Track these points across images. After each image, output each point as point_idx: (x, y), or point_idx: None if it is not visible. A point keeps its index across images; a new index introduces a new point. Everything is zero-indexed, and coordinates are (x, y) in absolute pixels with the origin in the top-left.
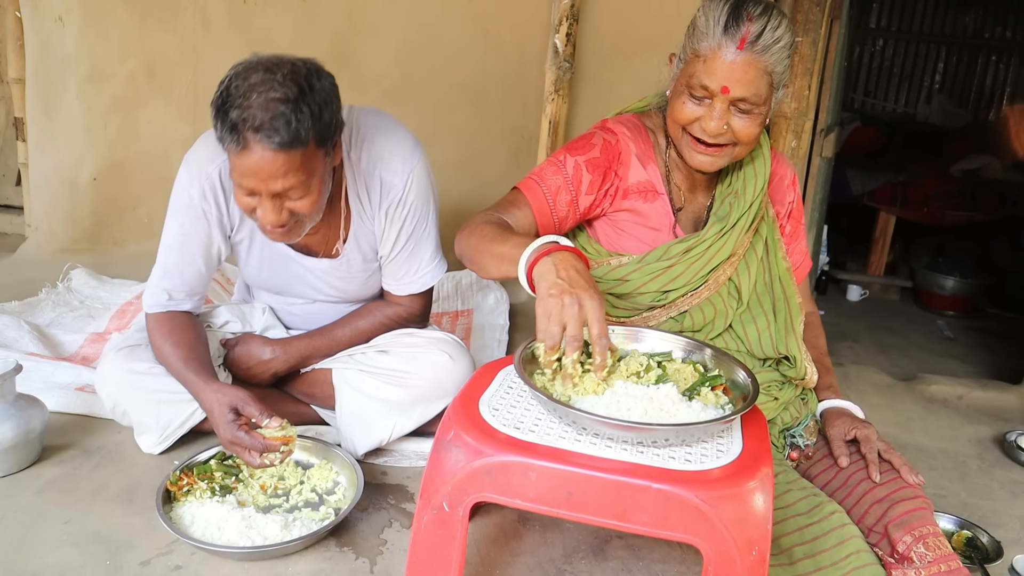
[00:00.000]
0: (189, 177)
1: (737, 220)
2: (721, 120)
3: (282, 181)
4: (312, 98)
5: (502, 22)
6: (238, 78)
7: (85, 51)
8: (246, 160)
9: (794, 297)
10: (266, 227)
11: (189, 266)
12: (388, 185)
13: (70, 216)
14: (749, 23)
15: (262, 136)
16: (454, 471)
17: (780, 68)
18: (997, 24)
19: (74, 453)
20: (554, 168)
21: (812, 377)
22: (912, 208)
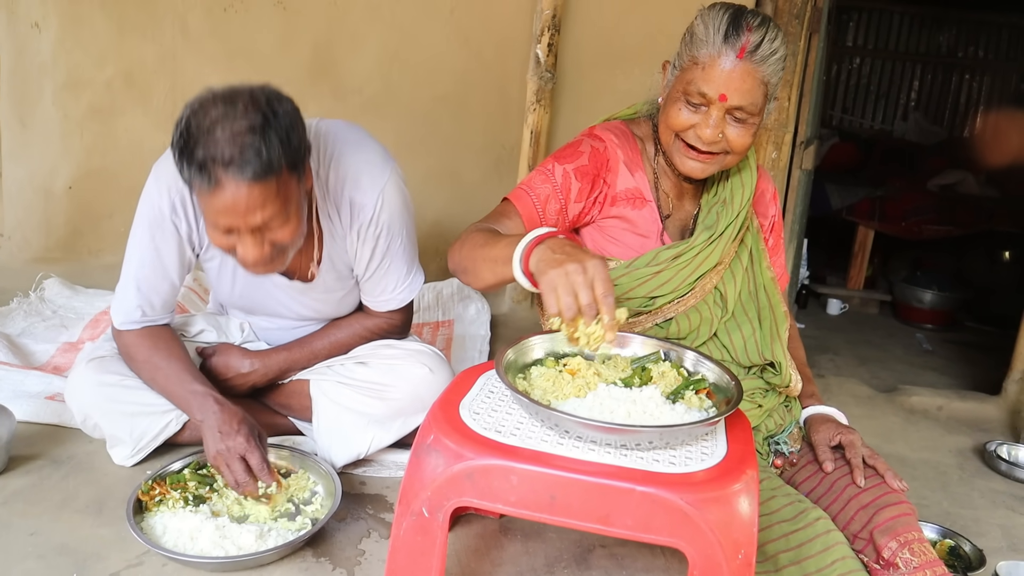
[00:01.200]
0: (159, 189)
1: (725, 228)
2: (717, 128)
3: (260, 213)
4: (278, 124)
5: (484, 32)
6: (196, 115)
7: (62, 58)
8: (220, 198)
9: (779, 305)
10: (247, 263)
11: (163, 281)
12: (358, 206)
13: (44, 225)
14: (749, 33)
15: (233, 170)
16: (434, 475)
17: (775, 79)
18: (970, 43)
19: (42, 463)
20: (543, 177)
21: (796, 385)
22: (890, 222)
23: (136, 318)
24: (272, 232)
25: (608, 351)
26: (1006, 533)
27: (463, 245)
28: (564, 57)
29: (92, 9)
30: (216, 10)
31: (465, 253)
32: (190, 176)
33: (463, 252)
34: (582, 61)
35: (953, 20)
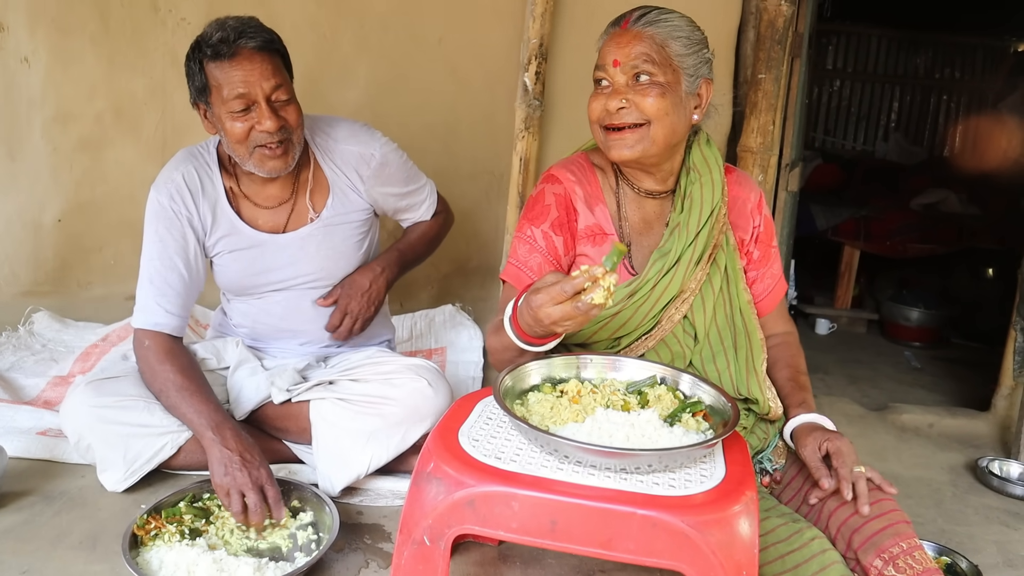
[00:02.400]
0: (156, 190)
1: (680, 255)
2: (619, 93)
3: (272, 80)
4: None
5: (471, 62)
6: (204, 30)
7: (51, 92)
8: (237, 68)
9: (755, 332)
10: (266, 144)
11: (171, 270)
12: (366, 155)
13: (33, 258)
14: (635, 11)
15: (245, 39)
16: (435, 503)
17: (677, 46)
18: (946, 65)
19: (34, 499)
20: (527, 246)
21: (776, 411)
22: (875, 242)
23: (153, 312)
24: (282, 107)
25: (604, 375)
26: (1001, 549)
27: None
28: (552, 85)
29: (82, 43)
30: None
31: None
32: (211, 54)
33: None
34: (570, 88)
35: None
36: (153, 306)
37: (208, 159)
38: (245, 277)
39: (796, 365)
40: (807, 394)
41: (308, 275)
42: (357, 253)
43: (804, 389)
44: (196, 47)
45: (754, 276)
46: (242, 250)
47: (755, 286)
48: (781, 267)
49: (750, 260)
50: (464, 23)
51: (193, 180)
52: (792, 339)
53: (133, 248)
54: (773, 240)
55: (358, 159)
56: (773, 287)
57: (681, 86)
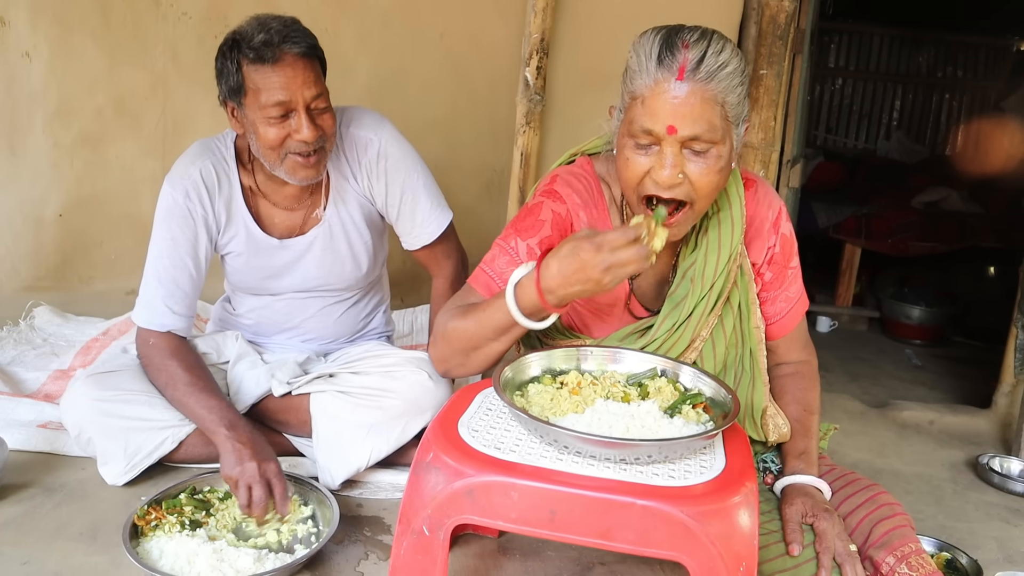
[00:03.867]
0: (171, 184)
1: (694, 308)
2: (675, 167)
3: (314, 87)
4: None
5: (472, 57)
6: (244, 26)
7: (52, 86)
8: (281, 72)
9: (760, 377)
10: (300, 152)
11: (181, 271)
12: (363, 141)
13: (34, 253)
14: (686, 50)
15: (290, 44)
16: (434, 493)
17: (733, 98)
18: (948, 64)
19: (34, 491)
20: (507, 257)
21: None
22: (877, 240)
23: (161, 319)
24: (319, 116)
25: (604, 367)
26: (1001, 545)
27: (449, 341)
28: (553, 80)
29: (83, 39)
30: (207, 38)
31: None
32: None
33: (454, 347)
34: (571, 83)
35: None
36: (161, 307)
37: (225, 153)
38: (253, 278)
39: (806, 402)
40: (810, 441)
41: (316, 279)
42: (362, 258)
43: (808, 435)
44: (234, 45)
45: (765, 297)
46: (252, 252)
47: (766, 307)
48: (801, 289)
49: (762, 282)
50: (465, 18)
51: (210, 176)
52: (807, 369)
53: (134, 243)
54: (791, 260)
55: (357, 144)
56: (788, 310)
57: (731, 142)
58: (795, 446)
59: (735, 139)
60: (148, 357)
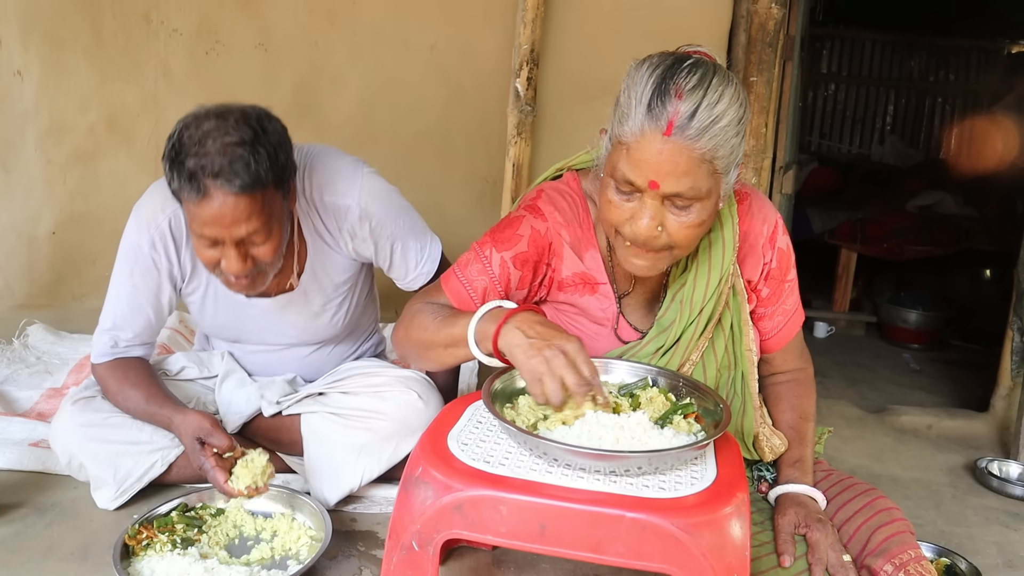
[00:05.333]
0: (138, 228)
1: (682, 333)
2: (653, 221)
3: (245, 226)
4: (267, 139)
5: (463, 68)
6: (189, 128)
7: (44, 104)
8: (207, 208)
9: (751, 401)
10: (230, 279)
11: (139, 317)
12: (342, 208)
13: (27, 271)
14: (678, 101)
15: (222, 181)
16: (423, 508)
17: (725, 151)
18: (940, 68)
19: (26, 511)
20: (479, 265)
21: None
22: (872, 244)
23: (108, 349)
24: (255, 247)
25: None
26: (1001, 550)
27: (409, 330)
28: (543, 90)
29: (75, 56)
30: (198, 53)
31: (415, 339)
32: (179, 186)
33: (412, 338)
34: (561, 94)
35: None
36: (108, 342)
37: None
38: (222, 329)
39: (802, 409)
40: (806, 449)
41: (288, 337)
42: (339, 315)
43: (803, 442)
44: (173, 152)
45: (762, 313)
46: (218, 307)
47: (762, 323)
48: (797, 300)
49: (759, 299)
50: (456, 29)
51: (179, 226)
52: (804, 377)
53: None
54: (788, 274)
55: (336, 211)
56: (784, 324)
57: (719, 190)
58: (790, 454)
59: (725, 186)
60: (104, 388)
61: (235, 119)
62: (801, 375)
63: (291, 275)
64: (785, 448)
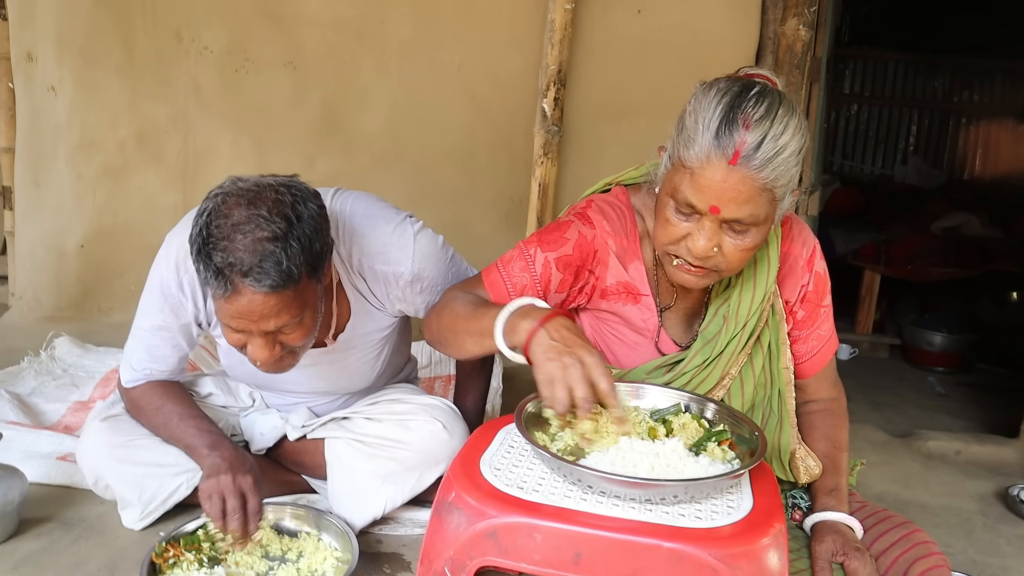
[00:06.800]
0: (169, 265)
1: (726, 346)
2: (710, 242)
3: (275, 321)
4: (301, 230)
5: (490, 88)
6: (218, 216)
7: (76, 120)
8: (235, 304)
9: (788, 419)
10: (256, 362)
11: (172, 349)
12: (392, 276)
13: (56, 284)
14: (745, 131)
15: (251, 280)
16: (456, 535)
17: (784, 179)
18: (964, 88)
19: (53, 526)
20: (523, 262)
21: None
22: (896, 266)
23: (143, 377)
24: (284, 336)
25: (627, 403)
26: None
27: (441, 315)
28: (570, 111)
29: (107, 73)
30: (228, 71)
31: (446, 324)
32: (206, 277)
33: (442, 322)
34: (588, 114)
35: (947, 66)
36: (143, 371)
37: None
38: (246, 376)
39: (836, 439)
40: (841, 478)
41: (319, 387)
42: (374, 366)
43: (839, 472)
44: (200, 241)
45: (797, 336)
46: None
47: (796, 346)
48: (832, 327)
49: (794, 321)
50: (483, 49)
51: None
52: (837, 407)
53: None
54: (824, 299)
55: (386, 278)
56: (819, 348)
57: (774, 219)
58: (825, 483)
59: (780, 211)
60: (136, 409)
61: (268, 208)
62: (834, 405)
63: (327, 335)
64: (820, 470)
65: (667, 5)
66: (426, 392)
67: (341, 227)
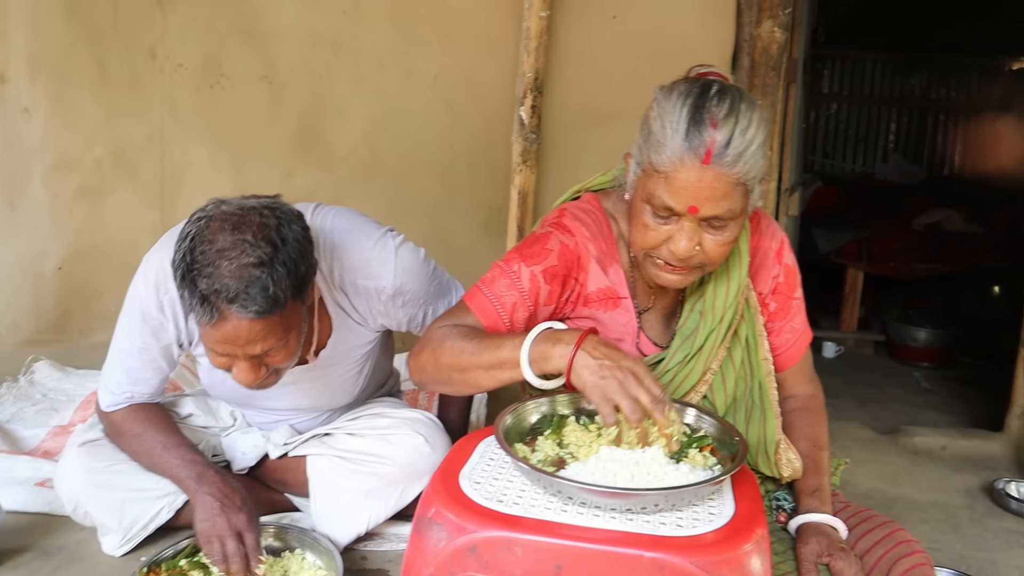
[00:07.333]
0: (147, 287)
1: (705, 340)
2: (692, 241)
3: (261, 345)
4: (286, 253)
5: (467, 97)
6: (202, 241)
7: (51, 140)
8: (221, 330)
9: (771, 409)
10: (241, 384)
11: (153, 371)
12: (374, 291)
13: (34, 307)
14: (714, 130)
15: (238, 307)
16: (436, 551)
17: (755, 171)
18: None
19: (32, 556)
20: (507, 280)
21: (795, 475)
22: (879, 263)
23: (124, 401)
24: (270, 358)
25: None
26: None
27: (438, 354)
28: (548, 118)
29: (81, 92)
30: (203, 87)
31: (448, 363)
32: (191, 304)
33: (442, 362)
34: (566, 121)
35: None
36: (122, 395)
37: None
38: (227, 395)
39: (815, 438)
40: (823, 478)
41: (300, 404)
42: (357, 382)
43: (820, 471)
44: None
45: (771, 328)
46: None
47: (771, 338)
48: (805, 321)
49: (768, 313)
50: (459, 59)
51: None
52: (815, 404)
53: None
54: (795, 291)
55: (368, 293)
56: (794, 342)
57: (747, 209)
58: (807, 484)
59: (751, 202)
60: (116, 434)
61: (253, 232)
62: (812, 402)
63: (309, 351)
64: (800, 464)
65: (642, 10)
66: (410, 405)
67: (322, 243)
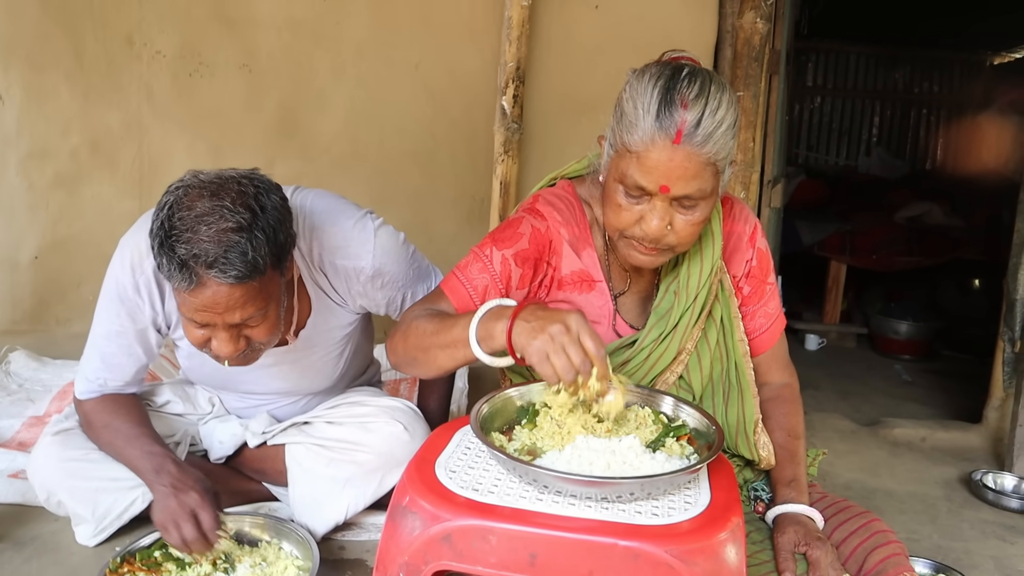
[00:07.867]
0: (123, 267)
1: (680, 318)
2: (663, 220)
3: (240, 312)
4: (265, 220)
5: (449, 86)
6: (181, 208)
7: (26, 129)
8: (199, 297)
9: (748, 389)
10: (221, 357)
11: (129, 357)
12: (353, 271)
13: (10, 297)
14: (684, 111)
15: (217, 272)
16: (411, 539)
17: (724, 152)
18: (924, 79)
19: (4, 546)
20: (480, 264)
21: (770, 459)
22: (861, 256)
23: (97, 388)
24: (249, 329)
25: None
26: (999, 564)
27: (407, 336)
28: (530, 107)
29: (56, 80)
30: (181, 75)
31: (413, 343)
32: (169, 271)
33: (409, 343)
34: (548, 110)
35: (907, 58)
36: (97, 382)
37: None
38: (206, 378)
39: (790, 427)
40: (799, 468)
41: (280, 388)
42: (336, 365)
43: (796, 460)
44: (162, 235)
45: (745, 312)
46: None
47: (745, 322)
48: (779, 305)
49: (742, 296)
50: (440, 48)
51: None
52: (789, 393)
53: None
54: (768, 276)
55: (347, 273)
56: (768, 326)
57: (718, 190)
58: (783, 474)
59: (722, 183)
60: (87, 424)
61: (231, 199)
62: (786, 391)
63: (288, 332)
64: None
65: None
66: (389, 394)
67: (302, 222)
